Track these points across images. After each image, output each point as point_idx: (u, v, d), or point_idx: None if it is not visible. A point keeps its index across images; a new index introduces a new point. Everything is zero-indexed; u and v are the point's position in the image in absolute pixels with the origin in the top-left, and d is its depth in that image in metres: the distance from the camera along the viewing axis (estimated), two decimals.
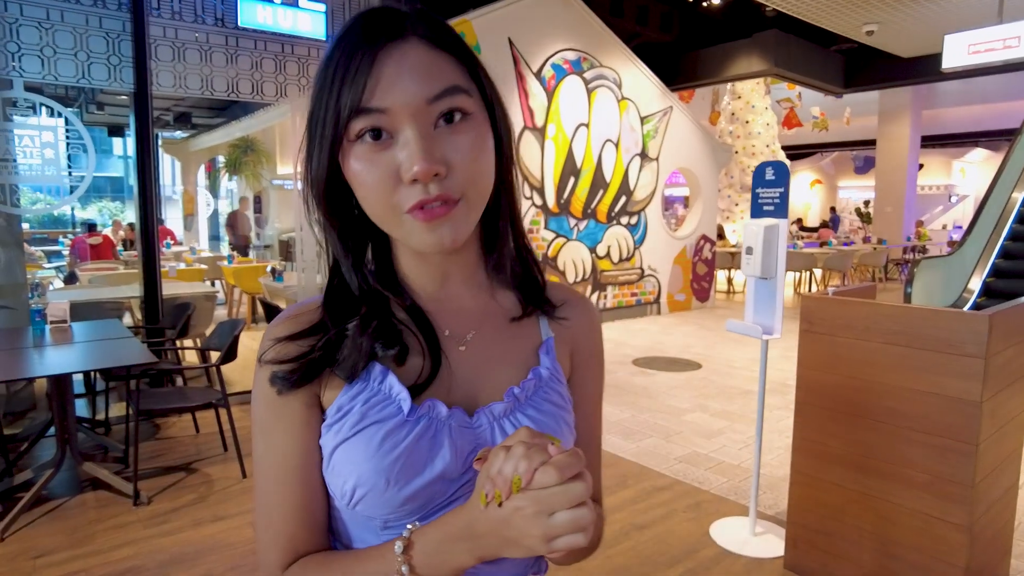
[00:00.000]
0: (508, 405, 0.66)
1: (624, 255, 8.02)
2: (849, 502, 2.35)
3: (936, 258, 8.21)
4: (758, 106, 12.85)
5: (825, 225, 16.97)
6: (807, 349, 2.48)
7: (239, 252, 9.53)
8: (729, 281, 11.46)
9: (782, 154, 13.23)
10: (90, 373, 4.14)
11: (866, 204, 17.53)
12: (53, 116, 4.07)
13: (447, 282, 0.69)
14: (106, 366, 3.16)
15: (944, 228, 17.16)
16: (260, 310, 7.45)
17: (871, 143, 14.09)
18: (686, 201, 16.37)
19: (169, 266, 6.52)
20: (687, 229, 8.97)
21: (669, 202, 18.13)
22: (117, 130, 12.36)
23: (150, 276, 4.24)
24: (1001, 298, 7.31)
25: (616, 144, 7.68)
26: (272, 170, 11.48)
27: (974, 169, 17.34)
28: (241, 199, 10.37)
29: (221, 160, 12.38)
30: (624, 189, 7.85)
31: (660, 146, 8.12)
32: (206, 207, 13.67)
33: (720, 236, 11.65)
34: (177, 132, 12.56)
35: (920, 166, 14.23)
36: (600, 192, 7.62)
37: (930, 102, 13.73)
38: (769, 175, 2.74)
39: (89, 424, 4.03)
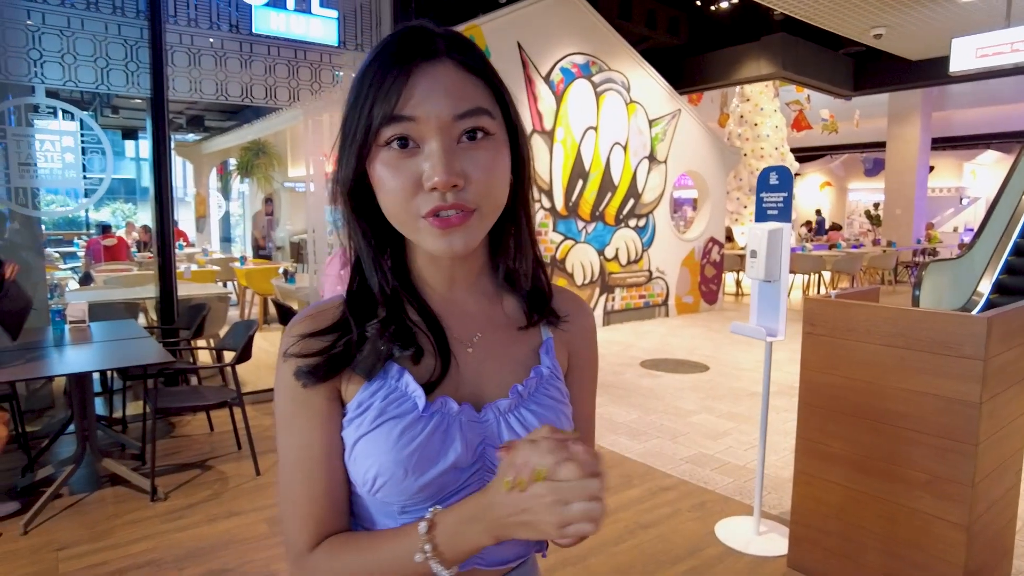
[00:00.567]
0: (512, 401, 0.72)
1: (632, 257, 8.06)
2: (851, 501, 2.39)
3: (945, 261, 8.19)
4: (767, 108, 12.84)
5: (835, 227, 16.92)
6: (810, 351, 2.52)
7: (256, 253, 9.57)
8: (737, 283, 11.46)
9: (791, 156, 13.22)
10: (106, 372, 4.23)
11: (876, 206, 17.45)
12: (68, 120, 4.17)
13: (455, 286, 0.74)
14: (125, 365, 3.24)
15: (955, 231, 17.06)
16: (272, 311, 7.55)
17: (881, 145, 14.05)
18: (694, 203, 16.40)
19: (183, 267, 6.62)
20: (695, 231, 8.99)
21: (678, 204, 18.13)
22: (130, 133, 12.51)
23: (166, 277, 4.33)
24: (1014, 297, 7.28)
25: (624, 147, 7.73)
26: (283, 172, 11.61)
27: (985, 171, 17.23)
28: (265, 200, 10.42)
29: (232, 163, 12.52)
30: (632, 192, 7.90)
31: (668, 149, 8.16)
32: (217, 209, 13.81)
33: (728, 238, 11.66)
34: (189, 135, 12.72)
35: (930, 168, 14.16)
36: (608, 195, 7.67)
37: (940, 104, 13.67)
38: (773, 180, 2.79)
39: (106, 422, 4.12)
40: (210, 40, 4.37)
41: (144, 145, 15.17)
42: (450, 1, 6.66)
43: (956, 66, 6.27)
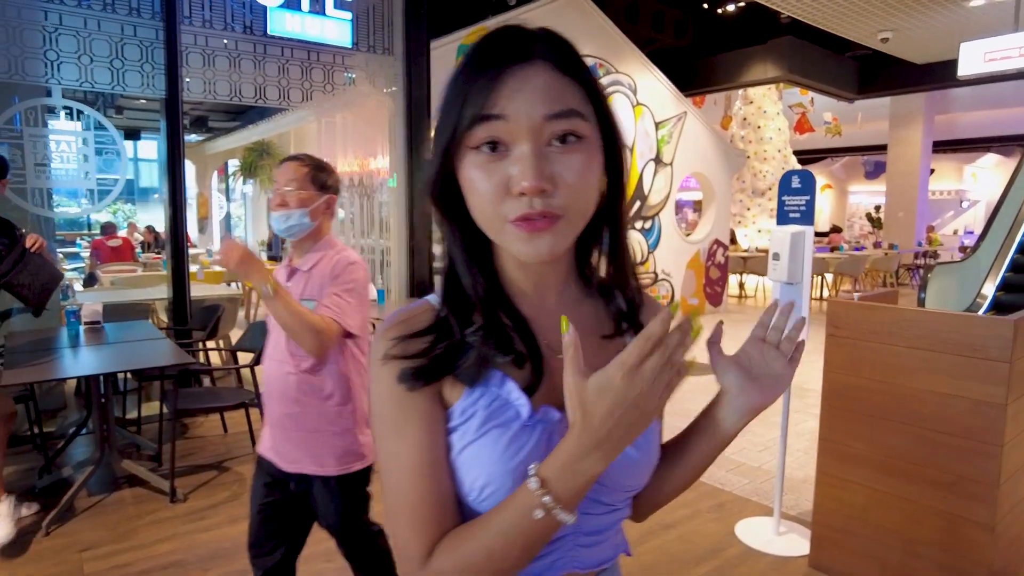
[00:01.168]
0: None
1: (638, 259, 8.06)
2: (874, 502, 2.41)
3: (950, 264, 8.22)
4: (770, 111, 12.88)
5: (836, 230, 16.97)
6: (833, 353, 2.54)
7: (273, 257, 9.54)
8: (741, 286, 11.49)
9: (794, 159, 13.26)
10: (118, 373, 4.24)
11: (877, 209, 17.51)
12: (74, 119, 4.17)
13: (544, 291, 0.73)
14: (144, 366, 3.25)
15: (955, 233, 17.12)
16: None
17: (882, 148, 14.10)
18: (695, 205, 16.42)
19: (194, 268, 6.61)
20: (700, 233, 9.02)
21: (679, 206, 18.16)
22: (132, 133, 12.50)
23: (179, 278, 4.33)
24: (1013, 309, 7.32)
25: (631, 149, 7.75)
26: None
27: (986, 174, 17.30)
28: None
29: (234, 164, 12.52)
30: (638, 194, 7.92)
31: (674, 151, 8.18)
32: (219, 210, 13.81)
33: (732, 241, 11.69)
34: (192, 136, 12.71)
35: (931, 171, 14.22)
36: None
37: (943, 107, 13.72)
38: (795, 183, 2.80)
39: (119, 423, 4.12)
40: (224, 41, 4.38)
41: (145, 145, 15.17)
42: (460, 3, 6.67)
43: (964, 70, 6.30)
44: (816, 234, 17.50)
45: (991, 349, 2.10)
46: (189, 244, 11.53)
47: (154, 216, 14.41)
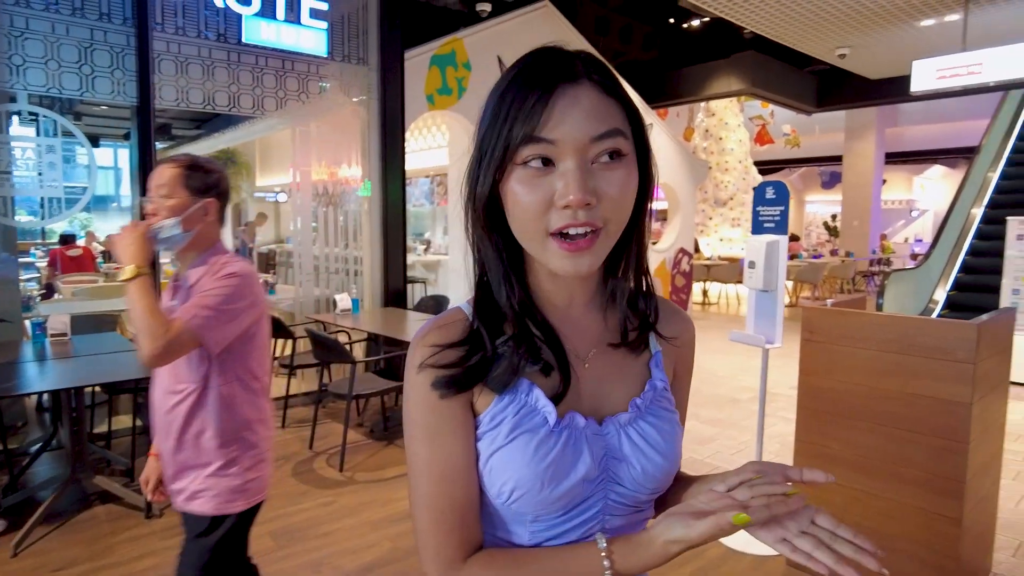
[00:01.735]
0: (632, 415, 0.75)
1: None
2: (851, 501, 2.50)
3: (905, 270, 8.57)
4: (731, 123, 13.22)
5: (794, 238, 17.44)
6: (808, 357, 2.63)
7: None
8: (704, 293, 11.73)
9: (754, 170, 13.62)
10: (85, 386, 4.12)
11: (833, 218, 18.08)
12: (39, 126, 4.06)
13: (573, 302, 0.76)
14: (119, 379, 3.17)
15: (906, 241, 17.79)
16: None
17: (837, 159, 14.59)
18: (657, 214, 16.73)
19: (167, 279, 6.46)
20: (666, 242, 9.19)
21: None
22: (92, 140, 12.16)
23: None
24: (965, 305, 7.67)
25: None
26: (252, 183, 11.44)
27: (933, 185, 18.04)
28: (259, 215, 10.20)
29: None
30: None
31: None
32: None
33: (696, 249, 11.94)
34: (155, 143, 12.43)
35: (883, 181, 14.77)
36: None
37: (893, 120, 14.29)
38: (770, 194, 2.91)
39: (88, 437, 4.00)
40: (198, 49, 4.32)
41: (102, 153, 14.76)
42: (433, 14, 6.71)
43: (917, 86, 6.60)
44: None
45: (957, 351, 2.22)
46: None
47: (112, 225, 14.02)
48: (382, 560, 2.74)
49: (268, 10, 4.45)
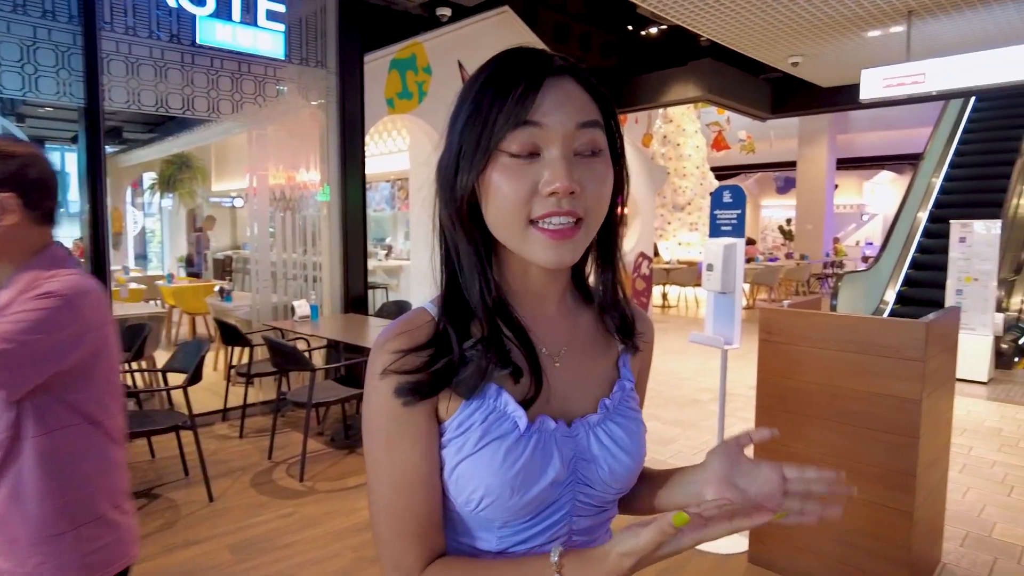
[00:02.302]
0: (601, 416, 0.75)
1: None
2: None
3: (857, 272, 8.85)
4: (688, 129, 13.47)
5: (751, 242, 17.85)
6: (767, 357, 2.69)
7: (194, 274, 9.07)
8: (664, 296, 11.90)
9: (711, 175, 13.91)
10: None
11: (788, 222, 18.55)
12: None
13: (544, 301, 0.75)
14: None
15: (857, 244, 18.36)
16: (202, 331, 7.23)
17: (791, 164, 15.00)
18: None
19: (119, 287, 6.25)
20: (626, 247, 9.25)
21: None
22: (36, 143, 11.71)
23: None
24: (913, 304, 7.96)
25: None
26: (207, 187, 11.17)
27: (882, 189, 18.68)
28: (208, 217, 9.84)
29: (150, 178, 11.94)
30: None
31: None
32: (134, 225, 13.10)
33: (655, 253, 12.11)
34: (105, 147, 12.04)
35: (835, 186, 15.24)
36: None
37: (844, 127, 14.77)
38: (727, 198, 2.97)
39: None
40: (150, 49, 4.20)
41: (73, 157, 14.23)
42: (392, 18, 6.67)
43: (865, 94, 6.84)
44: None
45: (908, 349, 2.30)
46: None
47: (57, 232, 13.49)
48: (345, 571, 2.69)
49: (223, 11, 4.35)
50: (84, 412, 1.24)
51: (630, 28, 9.64)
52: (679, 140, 13.52)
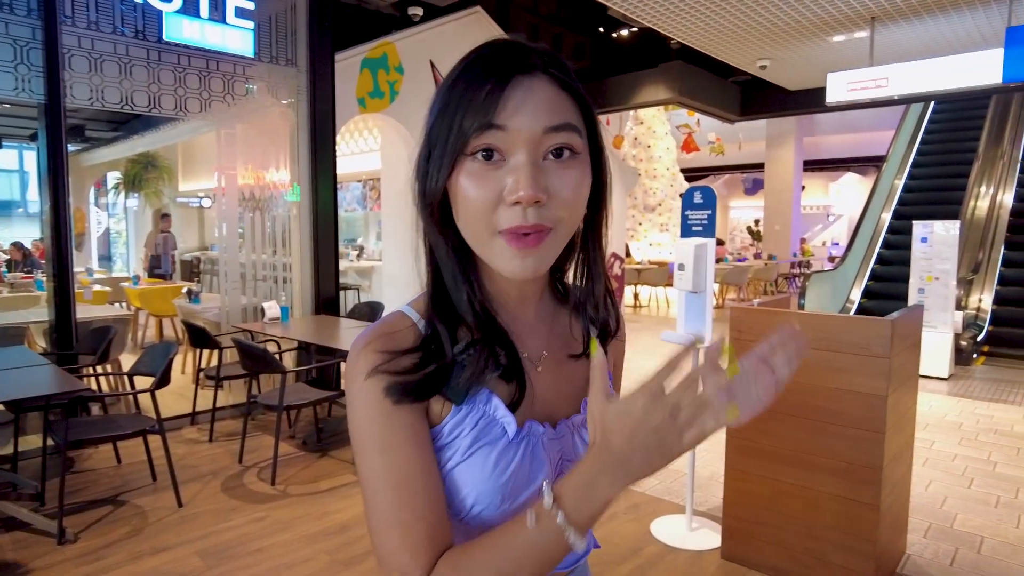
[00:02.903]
0: (584, 415, 0.74)
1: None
2: (780, 493, 2.60)
3: (823, 272, 9.04)
4: (659, 131, 13.63)
5: (720, 243, 18.11)
6: (738, 355, 2.72)
7: (161, 275, 8.83)
8: (635, 296, 12.00)
9: (681, 176, 14.08)
10: None
11: (756, 223, 18.86)
12: None
13: (524, 304, 0.74)
14: (28, 395, 2.96)
15: (824, 244, 18.75)
16: (169, 333, 7.08)
17: (760, 166, 15.26)
18: None
19: (83, 289, 6.09)
20: None
21: None
22: None
23: (63, 299, 3.98)
24: (879, 299, 8.16)
25: None
26: (174, 187, 10.94)
27: (847, 190, 19.10)
28: (162, 215, 9.53)
29: (114, 177, 11.65)
30: None
31: None
32: (97, 226, 12.78)
33: (627, 254, 12.21)
34: (67, 145, 11.73)
35: (803, 188, 15.54)
36: None
37: (810, 130, 15.07)
38: (698, 199, 3.00)
39: None
40: (114, 45, 4.10)
41: (6, 155, 13.81)
42: (364, 17, 6.61)
43: (831, 97, 7.00)
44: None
45: (875, 347, 2.35)
46: None
47: (17, 232, 13.10)
48: (318, 575, 2.65)
49: (191, 7, 4.26)
50: None
51: (601, 30, 9.72)
52: (650, 142, 13.66)
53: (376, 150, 8.11)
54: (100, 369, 4.19)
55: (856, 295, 8.56)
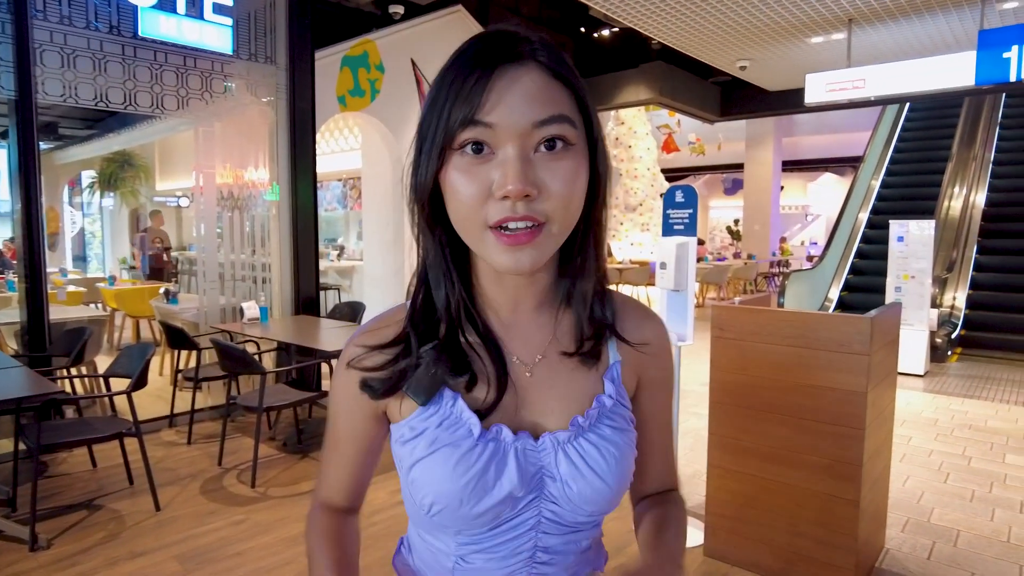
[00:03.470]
0: (572, 432, 0.69)
1: None
2: (762, 490, 2.62)
3: (802, 271, 9.15)
4: (640, 131, 13.69)
5: (700, 242, 18.24)
6: (719, 353, 2.74)
7: (153, 275, 8.64)
8: None
9: (661, 177, 14.16)
10: None
11: (736, 222, 19.02)
12: None
13: (519, 307, 0.71)
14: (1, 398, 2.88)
15: (803, 244, 18.96)
16: (147, 335, 6.97)
17: (739, 166, 15.39)
18: None
19: (57, 290, 5.96)
20: None
21: None
22: None
23: (36, 300, 3.90)
24: (857, 296, 8.27)
25: None
26: (151, 187, 10.76)
27: (825, 191, 19.34)
28: (154, 213, 9.34)
29: (89, 176, 11.44)
30: None
31: None
32: (71, 225, 12.54)
33: (609, 253, 12.26)
34: (40, 143, 11.50)
35: (781, 188, 15.70)
36: None
37: (789, 130, 15.24)
38: (679, 197, 3.01)
39: None
40: (87, 40, 4.02)
41: (2, 154, 13.50)
42: (345, 14, 6.56)
43: (810, 98, 7.08)
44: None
45: (854, 344, 2.37)
46: None
47: None
48: None
49: (167, 3, 4.19)
50: None
51: (583, 30, 9.74)
52: (631, 142, 13.72)
53: (356, 149, 8.06)
54: (75, 371, 4.10)
55: (834, 293, 8.67)
